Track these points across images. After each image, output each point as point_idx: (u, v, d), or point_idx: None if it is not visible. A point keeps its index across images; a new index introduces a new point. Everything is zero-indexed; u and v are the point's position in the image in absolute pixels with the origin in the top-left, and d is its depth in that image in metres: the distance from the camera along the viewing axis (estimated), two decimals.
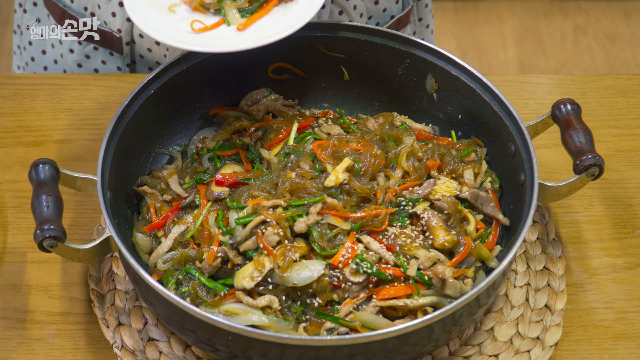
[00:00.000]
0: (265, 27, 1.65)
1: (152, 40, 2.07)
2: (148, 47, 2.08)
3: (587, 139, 1.62)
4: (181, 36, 1.63)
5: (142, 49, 2.10)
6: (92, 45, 2.12)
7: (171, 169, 1.77)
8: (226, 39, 1.63)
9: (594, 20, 4.08)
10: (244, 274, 1.54)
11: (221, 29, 1.66)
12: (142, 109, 1.71)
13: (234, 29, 1.65)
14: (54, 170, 1.56)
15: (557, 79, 2.15)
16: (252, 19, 1.66)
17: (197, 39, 1.63)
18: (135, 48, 2.11)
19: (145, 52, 2.10)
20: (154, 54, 2.09)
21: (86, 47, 2.13)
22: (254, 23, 1.66)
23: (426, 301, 1.52)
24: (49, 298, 1.70)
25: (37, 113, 2.00)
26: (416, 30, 2.27)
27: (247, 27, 1.65)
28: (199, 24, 1.66)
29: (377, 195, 1.62)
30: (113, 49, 2.11)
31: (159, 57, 2.09)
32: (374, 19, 2.12)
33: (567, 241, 1.80)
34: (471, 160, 1.74)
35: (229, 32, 1.65)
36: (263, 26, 1.66)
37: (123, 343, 1.63)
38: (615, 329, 1.68)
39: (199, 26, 1.66)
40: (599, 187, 1.88)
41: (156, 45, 2.07)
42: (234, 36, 1.64)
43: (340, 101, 1.93)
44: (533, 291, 1.72)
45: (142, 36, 2.06)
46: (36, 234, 1.46)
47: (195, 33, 1.65)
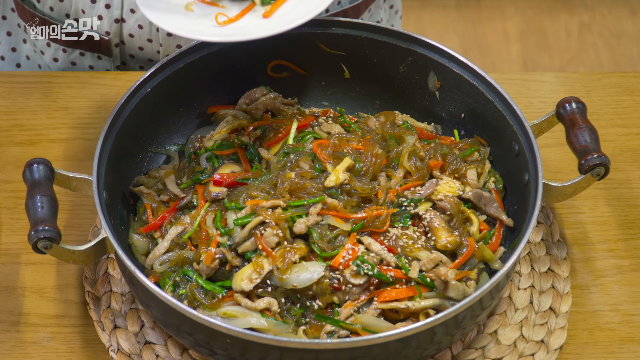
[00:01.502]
0: (290, 10, 1.67)
1: (144, 39, 2.06)
2: (139, 45, 2.08)
3: (593, 138, 1.61)
4: (212, 30, 1.65)
5: (132, 48, 2.09)
6: (78, 51, 2.11)
7: (168, 168, 1.77)
8: (255, 26, 1.65)
9: (599, 17, 4.08)
10: (243, 276, 1.54)
11: (246, 19, 1.68)
12: (139, 107, 1.71)
13: (259, 17, 1.67)
14: (49, 170, 1.56)
15: (561, 77, 2.15)
16: (276, 5, 1.68)
17: (227, 31, 1.66)
18: (125, 49, 2.10)
19: (136, 52, 2.10)
20: (146, 52, 2.09)
21: (71, 54, 2.12)
22: (278, 9, 1.68)
23: (428, 303, 1.52)
24: (43, 300, 1.70)
25: (31, 112, 2.00)
26: (389, 18, 2.27)
27: (272, 13, 1.67)
28: (223, 16, 1.67)
29: (378, 196, 1.62)
30: (101, 52, 2.10)
31: (152, 54, 2.09)
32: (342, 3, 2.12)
33: (572, 242, 1.80)
34: (474, 159, 1.74)
35: (256, 20, 1.67)
36: (287, 10, 1.67)
37: (119, 346, 1.63)
38: (621, 332, 1.68)
39: (224, 19, 1.67)
40: (604, 187, 1.88)
41: (148, 42, 2.07)
42: (262, 23, 1.66)
43: (341, 99, 1.93)
44: (537, 293, 1.72)
45: (133, 36, 2.06)
46: (30, 235, 1.46)
47: (221, 26, 1.66)
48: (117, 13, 2.01)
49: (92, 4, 2.00)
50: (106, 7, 2.01)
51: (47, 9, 2.06)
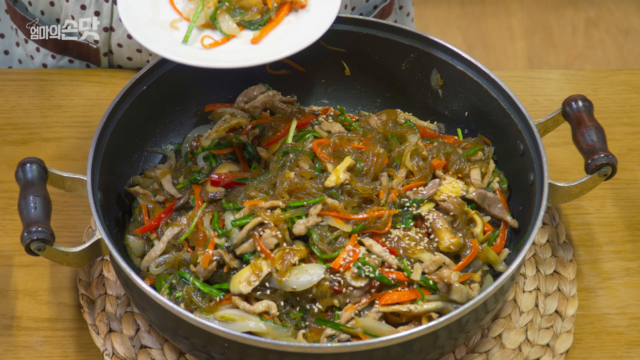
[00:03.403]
0: (280, 38, 1.61)
1: (132, 49, 2.06)
2: (128, 55, 2.08)
3: (599, 137, 1.62)
4: (194, 53, 1.58)
5: (121, 59, 2.09)
6: (67, 58, 2.11)
7: (164, 168, 1.77)
8: (240, 52, 1.60)
9: (606, 13, 4.08)
10: (241, 279, 1.54)
11: (233, 42, 1.62)
12: (134, 105, 1.71)
13: (247, 42, 1.61)
14: (42, 169, 1.56)
15: (567, 75, 2.15)
16: (265, 31, 1.62)
17: (210, 55, 1.59)
18: (114, 59, 2.10)
19: (124, 62, 2.10)
20: (134, 62, 2.09)
21: (60, 60, 2.12)
22: (267, 35, 1.63)
23: (431, 307, 1.52)
24: (36, 303, 1.70)
25: (24, 110, 2.00)
26: (397, 19, 2.27)
27: (261, 39, 1.62)
28: (209, 39, 1.61)
29: (379, 196, 1.62)
30: (90, 60, 2.11)
31: (140, 64, 2.09)
32: (358, 10, 2.13)
33: (579, 244, 1.80)
34: (478, 159, 1.74)
35: (242, 46, 1.61)
36: (277, 38, 1.62)
37: (114, 350, 1.63)
38: (628, 336, 1.68)
39: (210, 41, 1.61)
40: (611, 187, 1.88)
41: (138, 53, 2.07)
42: (248, 49, 1.60)
43: (341, 97, 1.93)
44: (543, 296, 1.72)
45: (122, 45, 2.05)
46: (23, 237, 1.46)
47: (206, 49, 1.60)
48: (106, 21, 2.02)
49: (82, 10, 2.01)
50: (95, 15, 2.01)
51: (38, 13, 2.06)
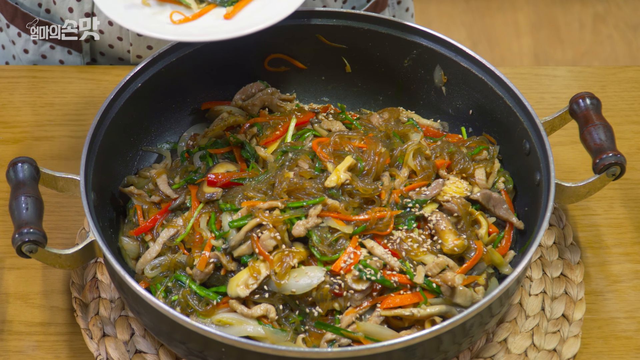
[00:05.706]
0: (254, 12, 1.64)
1: (113, 36, 2.07)
2: (109, 43, 2.08)
3: (608, 136, 1.62)
4: (165, 28, 1.61)
5: (102, 46, 2.10)
6: (49, 44, 2.12)
7: (160, 168, 1.77)
8: (214, 27, 1.62)
9: (614, 8, 4.08)
10: (238, 281, 1.54)
11: (205, 18, 1.64)
12: (129, 103, 1.71)
13: (220, 18, 1.64)
14: (34, 169, 1.56)
15: (575, 72, 2.15)
16: (238, 7, 1.65)
17: (184, 29, 1.62)
18: (95, 45, 2.11)
19: (106, 49, 2.10)
20: (116, 49, 2.10)
21: (42, 46, 2.12)
22: (240, 11, 1.65)
23: (434, 310, 1.52)
24: (28, 307, 1.70)
25: (15, 108, 2.01)
26: (395, 14, 2.27)
27: (234, 14, 1.64)
28: (178, 15, 1.64)
29: (381, 197, 1.62)
30: (71, 47, 2.11)
31: (122, 52, 2.10)
32: (349, 3, 2.13)
33: (586, 246, 1.80)
34: (483, 158, 1.74)
35: (215, 22, 1.64)
36: (251, 12, 1.65)
37: (108, 355, 1.63)
38: (637, 341, 1.68)
39: (179, 17, 1.63)
40: (620, 187, 1.88)
41: (118, 40, 2.07)
42: (222, 24, 1.63)
43: (342, 95, 1.93)
44: (549, 300, 1.72)
45: (103, 32, 2.06)
46: (14, 238, 1.46)
47: (176, 24, 1.63)
48: (87, 7, 2.02)
49: None
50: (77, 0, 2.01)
51: None
